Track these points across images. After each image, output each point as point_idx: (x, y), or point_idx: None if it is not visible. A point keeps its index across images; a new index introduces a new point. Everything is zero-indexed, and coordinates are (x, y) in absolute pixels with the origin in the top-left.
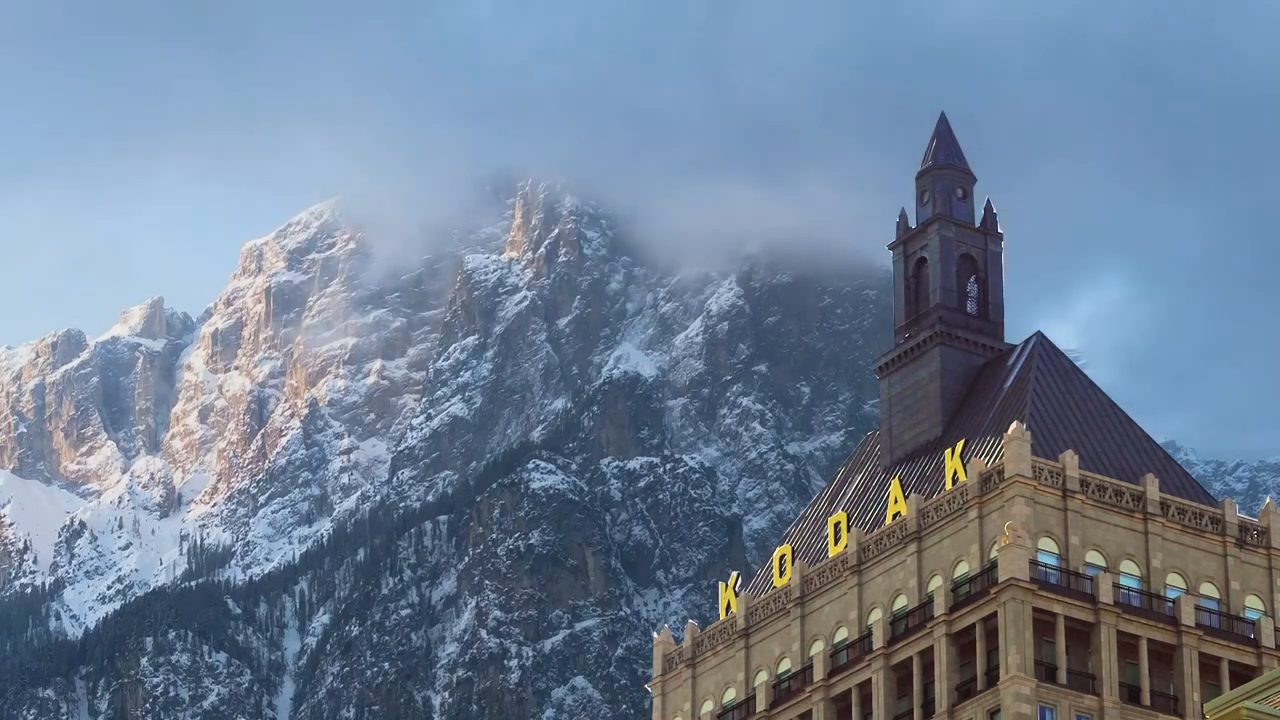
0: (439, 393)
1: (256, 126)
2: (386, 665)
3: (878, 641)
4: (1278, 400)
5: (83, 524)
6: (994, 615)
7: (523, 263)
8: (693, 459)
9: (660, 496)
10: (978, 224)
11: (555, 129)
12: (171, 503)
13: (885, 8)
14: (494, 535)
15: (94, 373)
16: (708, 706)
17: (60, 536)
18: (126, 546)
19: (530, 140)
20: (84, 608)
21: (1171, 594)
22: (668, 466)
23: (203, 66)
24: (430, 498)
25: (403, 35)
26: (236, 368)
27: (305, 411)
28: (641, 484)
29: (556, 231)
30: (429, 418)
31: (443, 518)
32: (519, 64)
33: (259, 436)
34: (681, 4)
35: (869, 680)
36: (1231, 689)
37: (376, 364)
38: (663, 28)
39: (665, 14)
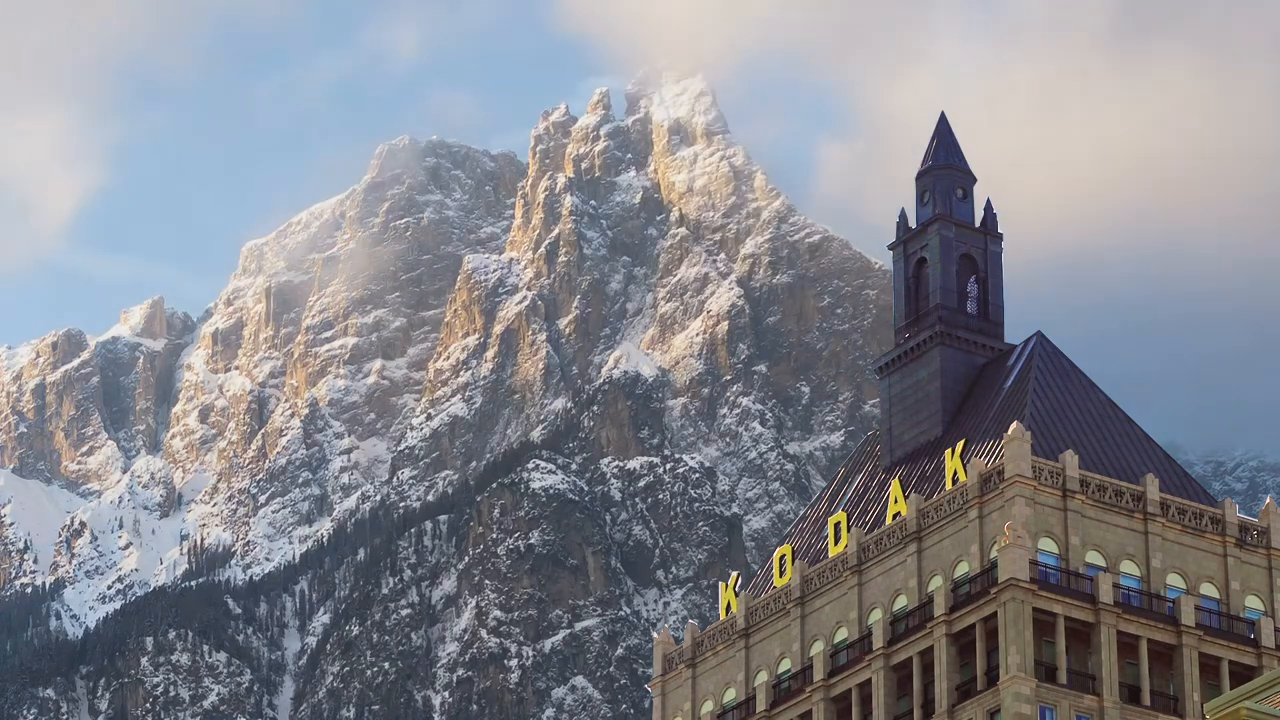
0: (439, 393)
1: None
2: (386, 665)
3: (878, 641)
4: (1278, 400)
5: (83, 524)
6: (994, 615)
7: (523, 263)
8: (693, 459)
9: (660, 496)
10: (978, 224)
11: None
12: (171, 502)
13: None
14: (494, 535)
15: (94, 373)
16: (708, 706)
17: (60, 536)
18: (127, 546)
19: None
20: (84, 607)
21: (1171, 594)
22: (668, 466)
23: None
24: (430, 498)
25: None
26: (237, 368)
27: (305, 411)
28: (641, 484)
29: (556, 231)
30: (429, 418)
31: (443, 518)
32: None
33: (259, 436)
34: None
35: (869, 680)
36: (1231, 689)
37: (376, 364)
38: None
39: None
